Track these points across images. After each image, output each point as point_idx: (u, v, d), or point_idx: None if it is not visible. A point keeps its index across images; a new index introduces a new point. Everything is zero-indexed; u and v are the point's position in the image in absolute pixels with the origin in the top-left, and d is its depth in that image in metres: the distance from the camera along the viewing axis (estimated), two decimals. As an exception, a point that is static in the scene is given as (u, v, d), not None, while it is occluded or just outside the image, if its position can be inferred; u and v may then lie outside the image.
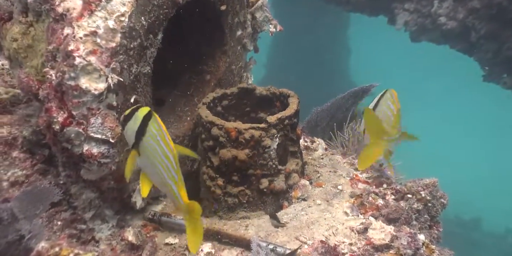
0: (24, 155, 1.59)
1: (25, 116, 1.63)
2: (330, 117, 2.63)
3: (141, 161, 1.20)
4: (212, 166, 1.63)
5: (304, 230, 1.58)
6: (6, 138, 1.57)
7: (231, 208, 1.66)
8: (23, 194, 1.38)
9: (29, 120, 1.62)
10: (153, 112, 1.17)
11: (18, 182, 1.52)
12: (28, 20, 1.40)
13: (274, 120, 1.57)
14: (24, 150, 1.59)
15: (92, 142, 1.34)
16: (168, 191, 1.22)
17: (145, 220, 1.63)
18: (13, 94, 1.64)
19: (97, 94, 1.27)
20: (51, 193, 1.41)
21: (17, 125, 1.61)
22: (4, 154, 1.56)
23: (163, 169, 1.19)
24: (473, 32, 4.07)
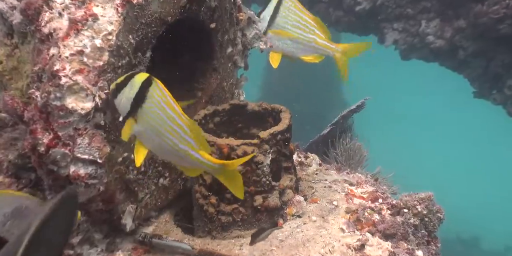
0: (9, 179, 1.56)
1: (11, 139, 1.60)
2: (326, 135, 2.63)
3: (141, 131, 1.16)
4: (204, 184, 1.61)
5: (300, 248, 1.56)
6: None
7: (224, 227, 1.64)
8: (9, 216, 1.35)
9: (15, 143, 1.59)
10: (154, 78, 1.14)
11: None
12: (13, 42, 1.40)
13: (266, 136, 1.56)
14: (9, 175, 1.56)
15: (79, 163, 1.33)
16: (185, 157, 1.17)
17: (136, 242, 1.60)
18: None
19: (84, 114, 1.26)
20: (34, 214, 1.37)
21: (3, 149, 1.58)
22: (-12, 179, 1.53)
23: (173, 136, 1.14)
24: (461, 50, 4.17)
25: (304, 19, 1.75)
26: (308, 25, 1.75)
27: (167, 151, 1.20)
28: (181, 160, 1.20)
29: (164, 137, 1.15)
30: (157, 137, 1.16)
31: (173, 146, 1.17)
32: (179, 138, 1.16)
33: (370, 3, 4.28)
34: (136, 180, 1.52)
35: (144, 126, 1.15)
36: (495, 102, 4.41)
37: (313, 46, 1.80)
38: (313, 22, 1.76)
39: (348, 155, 2.13)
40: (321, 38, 1.79)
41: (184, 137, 1.17)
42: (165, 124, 1.15)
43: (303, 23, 1.75)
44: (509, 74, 4.13)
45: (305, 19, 1.76)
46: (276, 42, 1.79)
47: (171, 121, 1.15)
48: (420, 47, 4.32)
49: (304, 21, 1.75)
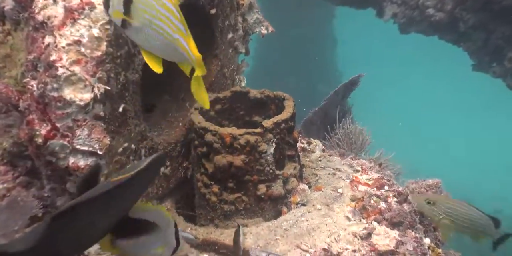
0: (4, 167, 1.54)
1: (5, 126, 1.57)
2: (324, 115, 2.62)
3: (138, 29, 1.11)
4: (206, 173, 1.60)
5: (305, 238, 1.56)
6: (-15, 150, 1.52)
7: (227, 215, 1.64)
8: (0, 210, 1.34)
9: (10, 130, 1.56)
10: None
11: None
12: (5, 29, 1.36)
13: (270, 125, 1.55)
14: (4, 163, 1.54)
15: (78, 155, 1.31)
16: (177, 47, 1.14)
17: (138, 231, 1.60)
18: (-9, 103, 1.59)
19: (82, 105, 1.24)
20: (30, 206, 1.38)
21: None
22: (-18, 167, 1.51)
23: (165, 24, 1.11)
24: (461, 23, 4.13)
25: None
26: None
27: (163, 45, 1.15)
28: (174, 52, 1.17)
29: (159, 28, 1.12)
30: (153, 31, 1.12)
31: (168, 36, 1.13)
32: (172, 27, 1.13)
33: (368, -25, 4.21)
34: (137, 170, 1.51)
35: (140, 20, 1.10)
36: (495, 75, 4.43)
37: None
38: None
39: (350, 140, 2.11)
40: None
41: (176, 24, 1.13)
42: (158, 12, 1.11)
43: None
44: (510, 47, 4.14)
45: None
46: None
47: (162, 7, 1.11)
48: (419, 21, 4.28)
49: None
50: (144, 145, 1.50)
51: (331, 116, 2.55)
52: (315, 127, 2.51)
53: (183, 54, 1.17)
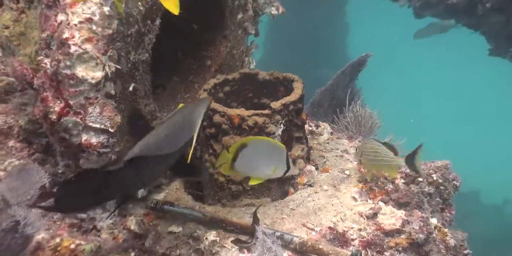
0: (20, 144, 1.59)
1: (21, 104, 1.63)
2: (331, 97, 2.60)
3: None
4: (214, 154, 1.63)
5: (311, 217, 1.58)
6: (2, 127, 1.58)
7: (235, 195, 1.68)
8: (11, 178, 1.37)
9: (25, 108, 1.62)
10: None
11: (14, 170, 1.53)
12: (19, 7, 1.39)
13: (278, 106, 1.57)
14: (20, 140, 1.59)
15: (90, 132, 1.35)
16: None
17: (148, 208, 1.64)
18: (7, 82, 1.64)
19: (94, 83, 1.27)
20: (38, 175, 1.40)
21: (13, 114, 1.61)
22: (0, 144, 1.56)
23: None
24: (479, 6, 4.02)
25: None
26: None
27: None
28: None
29: None
30: None
31: None
32: None
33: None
34: (147, 149, 1.54)
35: None
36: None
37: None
38: None
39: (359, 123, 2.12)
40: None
41: None
42: None
43: None
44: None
45: None
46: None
47: None
48: (435, 3, 4.18)
49: None
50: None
51: (339, 98, 2.54)
52: (322, 110, 2.51)
53: None
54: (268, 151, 1.46)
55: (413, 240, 1.47)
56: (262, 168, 1.46)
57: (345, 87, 2.64)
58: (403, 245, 1.48)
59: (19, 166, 1.54)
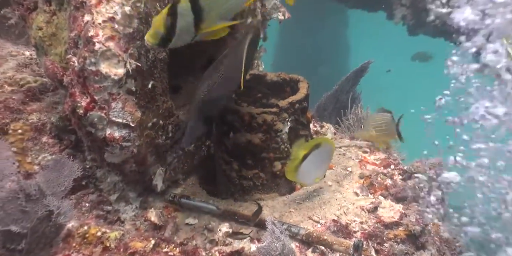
0: (52, 140, 1.54)
1: (53, 103, 1.58)
2: (335, 101, 2.54)
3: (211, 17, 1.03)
4: (227, 151, 1.55)
5: (317, 210, 1.51)
6: (36, 124, 1.53)
7: (246, 190, 1.59)
8: (47, 170, 1.32)
9: (56, 107, 1.57)
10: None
11: (48, 164, 1.47)
12: (51, 9, 1.34)
13: (285, 104, 1.50)
14: (52, 136, 1.54)
15: (114, 126, 1.28)
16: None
17: (166, 202, 1.57)
18: (41, 83, 1.59)
19: (116, 80, 1.21)
20: (72, 168, 1.34)
21: (46, 111, 1.56)
22: (34, 140, 1.51)
23: None
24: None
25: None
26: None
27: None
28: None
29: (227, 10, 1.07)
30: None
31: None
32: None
33: (379, -21, 4.09)
34: (165, 145, 1.47)
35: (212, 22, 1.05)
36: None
37: None
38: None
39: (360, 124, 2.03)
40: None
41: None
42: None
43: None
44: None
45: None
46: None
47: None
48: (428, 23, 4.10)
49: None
50: (171, 122, 1.46)
51: (342, 101, 2.47)
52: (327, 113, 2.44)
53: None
54: (328, 157, 1.44)
55: (410, 232, 1.39)
56: (314, 174, 1.42)
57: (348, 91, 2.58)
58: (401, 237, 1.39)
59: (53, 160, 1.48)
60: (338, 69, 10.01)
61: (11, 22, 1.53)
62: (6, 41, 1.92)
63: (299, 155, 1.35)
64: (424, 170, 1.55)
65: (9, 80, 1.61)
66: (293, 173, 1.35)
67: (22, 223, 1.19)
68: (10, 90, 1.59)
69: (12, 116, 1.51)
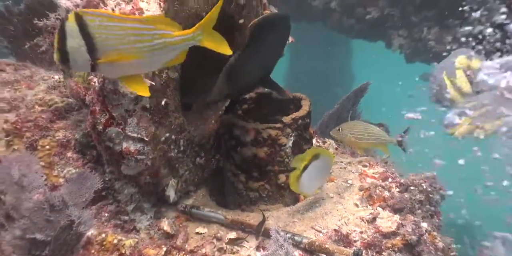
0: (76, 155, 1.56)
1: (77, 121, 1.61)
2: (337, 118, 2.53)
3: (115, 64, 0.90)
4: (234, 163, 1.56)
5: (319, 220, 1.48)
6: (62, 140, 1.56)
7: (252, 201, 1.59)
8: (70, 183, 1.34)
9: (80, 124, 1.60)
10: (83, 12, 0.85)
11: (72, 178, 1.49)
12: (77, 36, 1.38)
13: (288, 120, 1.50)
14: (76, 151, 1.56)
15: (129, 140, 1.30)
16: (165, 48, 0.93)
17: (178, 212, 1.57)
18: (67, 103, 1.63)
19: (133, 97, 1.24)
20: (93, 181, 1.36)
21: (71, 129, 1.59)
22: (60, 155, 1.54)
23: (142, 41, 0.90)
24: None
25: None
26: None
27: (149, 59, 0.96)
28: (165, 54, 0.96)
29: (136, 48, 0.91)
30: (133, 54, 0.92)
31: (150, 48, 0.93)
32: (149, 37, 0.92)
33: (378, 12, 4.14)
34: (177, 158, 1.48)
35: (111, 54, 0.89)
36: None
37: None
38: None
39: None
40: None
41: (153, 33, 0.93)
42: (127, 36, 0.90)
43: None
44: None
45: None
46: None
47: (130, 30, 0.90)
48: (423, 51, 4.14)
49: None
50: (183, 136, 1.47)
51: (344, 119, 2.46)
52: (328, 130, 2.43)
53: (178, 47, 0.97)
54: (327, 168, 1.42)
55: (407, 241, 1.35)
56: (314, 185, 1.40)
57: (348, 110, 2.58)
58: (398, 246, 1.36)
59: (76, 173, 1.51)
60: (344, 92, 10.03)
61: (42, 49, 1.58)
62: (40, 67, 1.99)
63: (299, 166, 1.34)
64: (419, 183, 1.53)
65: (39, 101, 1.65)
66: (295, 184, 1.34)
67: (46, 232, 1.20)
68: (40, 110, 1.63)
69: (40, 133, 1.54)
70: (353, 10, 4.32)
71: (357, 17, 4.34)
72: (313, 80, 9.18)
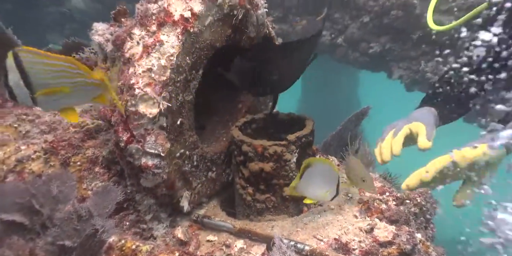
0: (103, 170, 1.60)
1: (105, 140, 1.66)
2: (339, 138, 2.53)
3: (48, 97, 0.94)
4: (243, 177, 1.56)
5: (320, 230, 1.46)
6: (91, 157, 1.61)
7: (259, 212, 1.58)
8: (96, 196, 1.37)
9: (107, 143, 1.65)
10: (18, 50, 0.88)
11: (99, 191, 1.52)
12: (107, 66, 1.46)
13: (293, 138, 1.51)
14: (103, 166, 1.61)
15: (148, 156, 1.33)
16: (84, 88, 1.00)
17: (191, 221, 1.58)
18: (97, 124, 1.69)
19: (151, 117, 1.27)
20: (116, 193, 1.38)
21: (99, 147, 1.65)
22: (89, 170, 1.59)
23: (66, 77, 0.95)
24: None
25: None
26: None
27: (75, 94, 1.02)
28: (86, 91, 1.03)
29: (63, 83, 0.96)
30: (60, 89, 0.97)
31: (72, 84, 0.99)
32: (71, 74, 0.98)
33: (380, 47, 4.23)
34: (191, 172, 1.51)
35: (44, 88, 0.94)
36: (479, 126, 4.12)
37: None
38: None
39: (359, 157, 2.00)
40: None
41: (75, 71, 0.99)
42: (54, 72, 0.94)
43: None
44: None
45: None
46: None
47: (57, 67, 0.95)
48: (421, 81, 4.18)
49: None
50: (196, 152, 1.50)
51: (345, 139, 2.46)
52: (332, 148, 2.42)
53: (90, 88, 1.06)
54: (326, 173, 1.38)
55: (402, 250, 1.32)
56: (316, 189, 1.38)
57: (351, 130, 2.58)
58: (394, 254, 1.33)
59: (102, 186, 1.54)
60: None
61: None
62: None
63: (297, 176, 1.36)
64: (414, 197, 1.50)
65: (73, 123, 1.73)
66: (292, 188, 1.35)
67: (74, 239, 1.23)
68: (74, 131, 1.70)
69: (73, 151, 1.60)
70: (358, 45, 4.41)
71: (361, 51, 4.43)
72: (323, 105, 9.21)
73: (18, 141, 1.65)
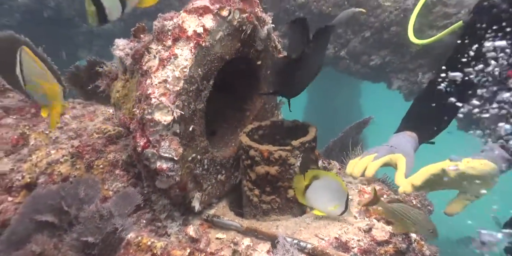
0: (123, 172, 1.63)
1: (124, 145, 1.69)
2: (341, 144, 2.52)
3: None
4: (250, 180, 1.57)
5: (322, 229, 1.46)
6: (112, 160, 1.64)
7: (265, 212, 1.58)
8: (117, 197, 1.40)
9: (127, 148, 1.68)
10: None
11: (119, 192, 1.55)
12: (126, 77, 1.49)
13: (297, 144, 1.52)
14: (123, 169, 1.63)
15: (162, 160, 1.35)
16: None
17: (202, 220, 1.59)
18: (117, 131, 1.72)
19: (166, 124, 1.30)
20: (135, 197, 1.42)
21: (119, 151, 1.67)
22: (110, 172, 1.62)
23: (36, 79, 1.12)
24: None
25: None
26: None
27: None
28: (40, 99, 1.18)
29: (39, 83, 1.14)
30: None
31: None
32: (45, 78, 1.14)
33: (380, 59, 4.22)
34: (201, 175, 1.52)
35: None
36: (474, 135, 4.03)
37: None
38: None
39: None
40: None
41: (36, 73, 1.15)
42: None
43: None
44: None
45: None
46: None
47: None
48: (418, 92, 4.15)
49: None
50: (207, 157, 1.51)
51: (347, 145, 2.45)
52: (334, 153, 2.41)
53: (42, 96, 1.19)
54: (334, 189, 1.39)
55: (398, 249, 1.31)
56: (325, 202, 1.38)
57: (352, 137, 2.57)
58: (390, 252, 1.32)
59: (122, 188, 1.57)
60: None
61: (100, 89, 1.71)
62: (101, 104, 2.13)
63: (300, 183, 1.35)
64: (410, 200, 1.48)
65: (97, 130, 1.77)
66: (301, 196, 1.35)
67: (96, 236, 1.27)
68: (97, 136, 1.74)
69: (96, 155, 1.64)
70: (359, 57, 4.42)
71: (362, 63, 4.44)
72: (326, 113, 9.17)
73: (48, 146, 1.69)
